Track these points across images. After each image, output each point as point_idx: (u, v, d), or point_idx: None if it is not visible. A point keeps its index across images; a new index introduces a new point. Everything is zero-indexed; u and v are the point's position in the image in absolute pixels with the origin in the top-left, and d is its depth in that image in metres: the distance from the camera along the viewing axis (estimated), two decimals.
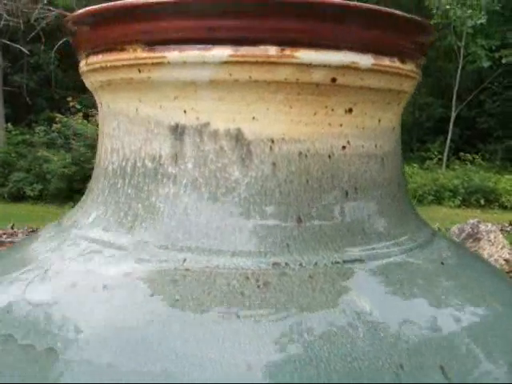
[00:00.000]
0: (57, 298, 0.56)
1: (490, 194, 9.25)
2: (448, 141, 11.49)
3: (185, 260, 0.58)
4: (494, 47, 10.61)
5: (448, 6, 9.88)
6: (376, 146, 0.68)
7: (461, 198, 9.22)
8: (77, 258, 0.62)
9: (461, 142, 12.51)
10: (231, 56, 0.58)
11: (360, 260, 0.62)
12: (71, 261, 0.62)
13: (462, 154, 11.72)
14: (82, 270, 0.59)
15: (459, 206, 8.92)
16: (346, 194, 0.65)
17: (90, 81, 0.71)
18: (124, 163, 0.66)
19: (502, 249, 4.37)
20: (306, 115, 0.62)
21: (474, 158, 11.45)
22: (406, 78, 0.69)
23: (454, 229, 4.59)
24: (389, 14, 0.63)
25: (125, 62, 0.62)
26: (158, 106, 0.63)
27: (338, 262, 0.60)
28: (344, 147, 0.65)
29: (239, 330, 0.51)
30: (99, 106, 0.72)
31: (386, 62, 0.65)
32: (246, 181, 0.61)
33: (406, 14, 0.64)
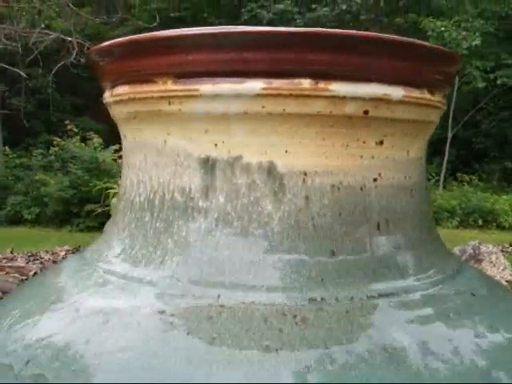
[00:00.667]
0: (90, 336, 0.55)
1: (488, 214, 9.23)
2: (445, 161, 11.51)
3: (219, 296, 0.57)
4: (488, 68, 10.68)
5: (443, 28, 9.95)
6: (405, 177, 0.68)
7: (458, 219, 9.21)
8: (106, 295, 0.60)
9: (457, 162, 12.54)
10: (264, 89, 0.58)
11: (393, 294, 0.61)
12: (100, 297, 0.60)
13: (458, 174, 11.73)
14: (114, 307, 0.58)
15: (457, 227, 8.91)
16: (378, 226, 0.64)
17: (115, 112, 0.70)
18: (152, 196, 0.65)
19: (503, 270, 4.36)
20: (338, 148, 0.62)
21: (471, 179, 11.46)
22: (434, 109, 0.68)
23: (455, 250, 4.58)
24: (420, 46, 0.62)
25: (154, 94, 0.62)
26: (188, 139, 0.62)
27: (372, 297, 0.59)
28: (375, 179, 0.64)
29: (280, 367, 0.50)
30: (123, 137, 0.72)
31: (416, 93, 0.64)
32: (278, 214, 0.60)
33: (435, 46, 0.64)
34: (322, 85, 0.58)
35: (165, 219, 0.63)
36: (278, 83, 0.57)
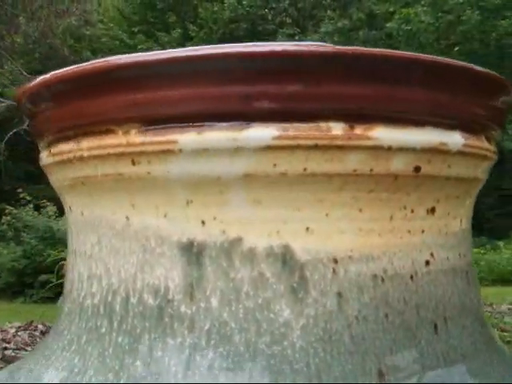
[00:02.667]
0: None
1: None
2: None
3: None
4: None
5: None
6: (460, 255, 0.48)
7: None
8: None
9: None
10: (277, 138, 0.38)
11: None
12: None
13: None
14: None
15: None
16: (435, 327, 0.44)
17: (55, 178, 0.49)
18: (110, 298, 0.44)
19: None
20: (379, 221, 0.42)
21: None
22: (488, 162, 0.49)
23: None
24: (480, 74, 0.44)
25: (111, 151, 0.41)
26: (162, 215, 0.42)
27: None
28: (428, 262, 0.44)
29: None
30: (67, 210, 0.50)
31: (475, 141, 0.45)
32: (301, 323, 0.40)
33: (492, 73, 0.46)
34: (359, 130, 0.39)
35: (130, 332, 0.42)
36: (296, 129, 0.38)
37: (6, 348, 1.75)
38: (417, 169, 0.42)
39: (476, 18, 6.92)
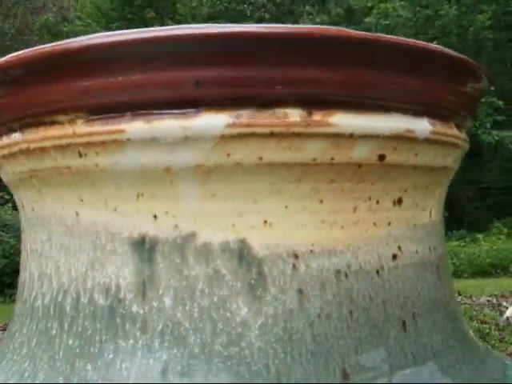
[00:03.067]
0: None
1: None
2: None
3: None
4: None
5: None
6: (430, 248, 0.46)
7: None
8: None
9: None
10: (231, 126, 0.35)
11: None
12: None
13: None
14: None
15: None
16: (404, 324, 0.42)
17: (4, 172, 0.46)
18: (60, 298, 0.41)
19: None
20: (342, 213, 0.39)
21: None
22: (458, 150, 0.47)
23: None
24: (449, 57, 0.42)
25: (57, 142, 0.39)
26: (112, 209, 0.39)
27: None
28: (395, 256, 0.42)
29: None
30: (19, 206, 0.48)
31: (444, 128, 0.43)
32: (259, 322, 0.37)
33: (463, 56, 0.43)
34: (318, 116, 0.36)
35: (81, 334, 0.39)
36: (250, 116, 0.35)
37: None
38: (381, 157, 0.39)
39: (453, 13, 6.91)
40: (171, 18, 9.16)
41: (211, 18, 8.93)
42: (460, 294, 2.10)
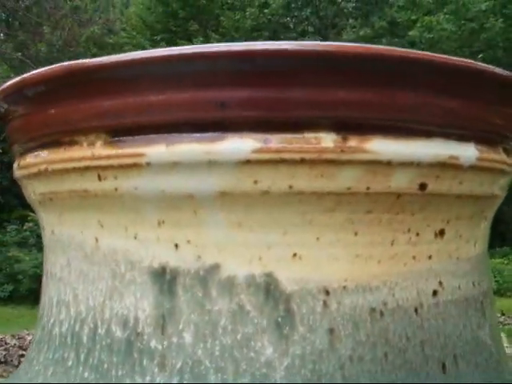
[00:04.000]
0: None
1: None
2: None
3: None
4: None
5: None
6: (474, 283, 0.42)
7: None
8: None
9: None
10: (258, 151, 0.32)
11: None
12: None
13: None
14: None
15: None
16: (443, 367, 0.38)
17: (26, 192, 0.44)
18: (78, 327, 0.39)
19: None
20: (379, 245, 0.36)
21: None
22: (506, 176, 0.43)
23: None
24: (497, 76, 0.38)
25: (75, 164, 0.36)
26: (132, 236, 0.36)
27: None
28: (435, 292, 0.38)
29: None
30: (42, 228, 0.45)
31: (491, 154, 0.39)
32: (285, 363, 0.34)
33: (508, 74, 0.39)
34: (353, 142, 0.33)
35: (97, 367, 0.37)
36: (280, 141, 0.32)
37: (22, 355, 1.72)
38: (422, 186, 0.36)
39: (500, 25, 6.77)
40: (215, 31, 9.18)
41: (254, 31, 8.92)
42: (503, 314, 2.02)
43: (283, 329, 0.34)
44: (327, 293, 0.35)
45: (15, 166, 0.44)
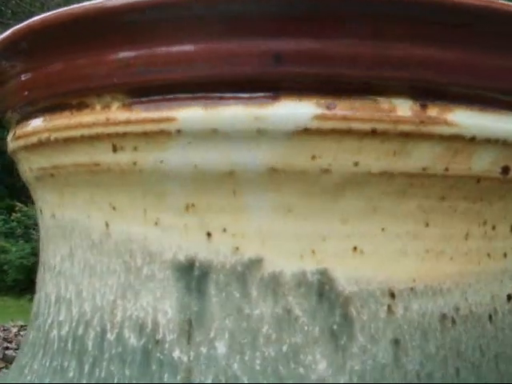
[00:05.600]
0: None
1: None
2: None
3: None
4: None
5: None
6: None
7: None
8: None
9: None
10: (320, 117, 0.25)
11: None
12: None
13: None
14: None
15: None
16: None
17: (22, 168, 0.37)
18: (81, 330, 0.32)
19: None
20: (453, 240, 0.29)
21: None
22: None
23: None
24: None
25: (85, 132, 0.29)
26: (152, 222, 0.29)
27: None
28: (510, 297, 0.32)
29: None
30: (38, 212, 0.38)
31: None
32: (342, 380, 0.27)
33: None
34: (434, 112, 0.26)
35: (105, 381, 0.29)
36: (346, 106, 0.25)
37: (7, 348, 1.64)
38: (505, 170, 0.29)
39: None
40: None
41: None
42: None
43: (340, 339, 0.27)
44: (392, 295, 0.28)
45: (9, 137, 0.36)
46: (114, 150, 0.28)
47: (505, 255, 0.32)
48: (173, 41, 0.26)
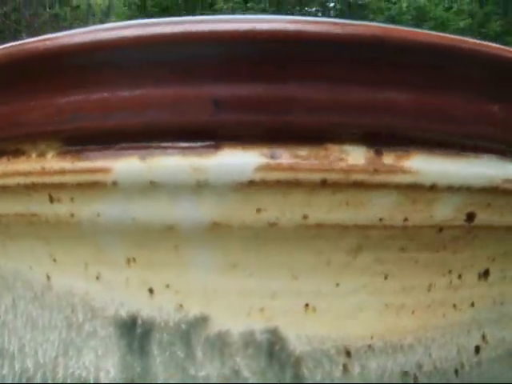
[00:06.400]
0: None
1: None
2: None
3: None
4: None
5: None
6: None
7: None
8: None
9: None
10: (264, 168, 0.23)
11: None
12: None
13: None
14: None
15: None
16: None
17: None
18: None
19: None
20: (414, 292, 0.27)
21: None
22: None
23: None
24: None
25: (21, 180, 0.27)
26: (93, 276, 0.27)
27: None
28: (478, 348, 0.30)
29: None
30: None
31: None
32: None
33: None
34: (390, 159, 0.24)
35: None
36: (293, 155, 0.23)
37: None
38: (470, 217, 0.27)
39: None
40: None
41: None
42: None
43: None
44: (348, 354, 0.26)
45: None
46: (51, 200, 0.26)
47: (472, 305, 0.29)
48: (106, 87, 0.24)
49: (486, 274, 0.30)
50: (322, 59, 0.23)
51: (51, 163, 0.26)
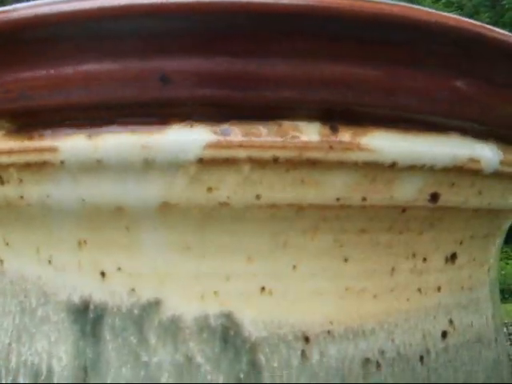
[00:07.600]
0: None
1: None
2: None
3: None
4: None
5: None
6: (487, 318, 0.32)
7: None
8: None
9: None
10: (213, 146, 0.22)
11: None
12: None
13: None
14: None
15: None
16: None
17: None
18: None
19: None
20: (375, 276, 0.26)
21: None
22: None
23: None
24: None
25: None
26: (45, 260, 0.26)
27: None
28: (445, 334, 0.29)
29: None
30: None
31: None
32: None
33: None
34: (346, 136, 0.23)
35: None
36: (244, 132, 0.22)
37: None
38: (434, 197, 0.26)
39: None
40: None
41: None
42: None
43: None
44: (307, 340, 0.25)
45: None
46: (1, 182, 0.25)
47: (438, 289, 0.29)
48: (51, 63, 0.23)
49: (453, 257, 0.29)
50: (274, 33, 0.22)
51: (0, 143, 0.25)
